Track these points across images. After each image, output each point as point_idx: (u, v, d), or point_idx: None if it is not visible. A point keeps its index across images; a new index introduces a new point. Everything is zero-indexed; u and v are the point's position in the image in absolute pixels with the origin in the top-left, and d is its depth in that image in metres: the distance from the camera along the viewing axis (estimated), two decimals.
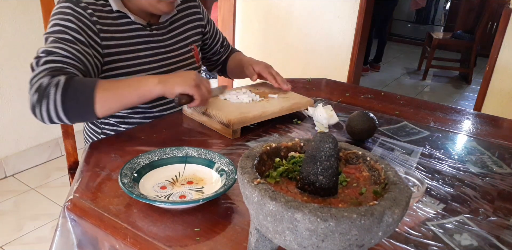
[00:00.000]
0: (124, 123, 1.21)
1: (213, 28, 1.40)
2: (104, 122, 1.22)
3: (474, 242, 0.72)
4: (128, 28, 1.12)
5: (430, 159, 1.02)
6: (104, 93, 0.92)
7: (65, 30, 1.00)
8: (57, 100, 0.90)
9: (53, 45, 0.98)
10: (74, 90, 0.90)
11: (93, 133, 1.26)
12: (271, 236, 0.54)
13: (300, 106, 1.21)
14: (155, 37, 1.18)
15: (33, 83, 0.92)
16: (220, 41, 1.43)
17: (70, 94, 0.90)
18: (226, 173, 0.82)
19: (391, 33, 6.26)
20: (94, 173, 0.87)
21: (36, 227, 1.91)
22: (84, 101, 0.91)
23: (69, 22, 1.01)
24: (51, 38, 0.99)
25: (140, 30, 1.14)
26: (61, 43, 0.98)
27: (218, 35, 1.43)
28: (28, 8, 2.17)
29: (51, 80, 0.90)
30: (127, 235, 0.69)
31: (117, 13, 1.10)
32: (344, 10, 2.62)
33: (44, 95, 0.90)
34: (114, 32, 1.09)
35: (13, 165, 2.31)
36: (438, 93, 4.21)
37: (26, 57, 2.23)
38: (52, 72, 0.92)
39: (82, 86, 0.91)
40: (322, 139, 0.56)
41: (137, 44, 1.14)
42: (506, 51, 2.25)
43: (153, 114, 1.22)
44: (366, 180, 0.62)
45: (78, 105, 0.91)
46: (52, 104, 0.90)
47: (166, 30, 1.22)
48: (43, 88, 0.90)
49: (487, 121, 1.29)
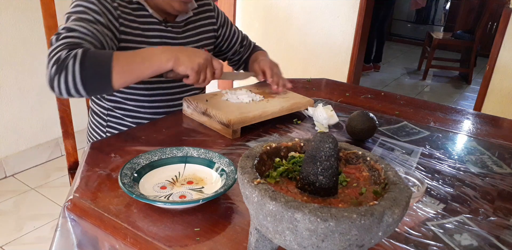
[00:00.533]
0: (130, 117, 1.22)
1: (229, 29, 1.41)
2: (110, 114, 1.23)
3: (474, 242, 0.72)
4: (145, 21, 1.15)
5: (430, 159, 1.02)
6: (120, 66, 0.93)
7: (87, 11, 1.03)
8: (75, 71, 0.91)
9: (74, 23, 1.00)
10: (91, 63, 0.92)
11: (98, 126, 1.27)
12: (271, 236, 0.54)
13: (300, 106, 1.21)
14: (169, 34, 1.20)
15: (51, 56, 0.94)
16: (239, 41, 1.44)
17: (88, 66, 0.92)
18: (226, 173, 0.82)
19: (391, 33, 6.26)
20: (94, 173, 0.86)
21: (36, 227, 1.91)
22: (101, 73, 0.92)
23: (91, 4, 1.04)
24: (72, 17, 1.03)
25: (156, 24, 1.17)
26: (82, 22, 1.01)
27: (236, 35, 1.44)
28: (28, 8, 2.17)
29: (69, 53, 0.92)
30: (127, 235, 0.69)
31: (136, 4, 1.14)
32: (344, 10, 2.62)
33: (62, 67, 0.91)
34: (132, 22, 1.13)
35: (13, 165, 2.31)
36: (438, 93, 4.21)
37: (26, 57, 2.23)
38: (70, 46, 0.95)
39: (99, 58, 0.93)
40: (322, 139, 0.56)
41: (151, 37, 1.16)
42: (506, 51, 2.26)
43: (160, 110, 1.24)
44: (366, 180, 0.62)
45: (95, 77, 0.93)
46: (71, 75, 0.92)
47: (181, 30, 1.23)
48: (61, 61, 0.92)
49: (487, 121, 1.29)
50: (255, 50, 1.48)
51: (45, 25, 1.23)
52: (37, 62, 2.27)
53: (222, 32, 1.38)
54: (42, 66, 2.28)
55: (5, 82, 2.18)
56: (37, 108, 2.36)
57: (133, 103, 1.21)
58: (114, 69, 0.92)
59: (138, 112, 1.22)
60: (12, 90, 2.22)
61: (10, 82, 2.20)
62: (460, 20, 5.55)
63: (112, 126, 1.24)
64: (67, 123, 1.34)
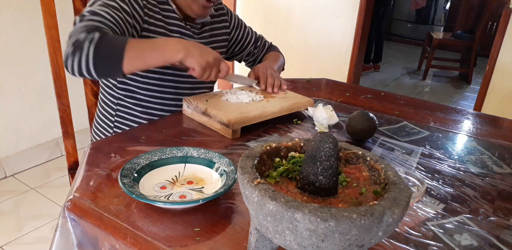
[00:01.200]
0: (140, 107, 1.24)
1: (242, 31, 1.43)
2: (120, 104, 1.24)
3: (474, 242, 0.72)
4: (168, 15, 1.18)
5: (430, 159, 1.02)
6: (133, 53, 0.96)
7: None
8: (89, 53, 0.95)
9: (99, 8, 1.03)
10: (106, 46, 0.95)
11: (106, 116, 1.28)
12: (271, 236, 0.54)
13: (300, 106, 1.21)
14: (188, 31, 1.23)
15: (71, 36, 0.98)
16: (252, 43, 1.47)
17: (102, 50, 0.95)
18: (226, 173, 0.82)
19: (391, 33, 6.26)
20: (94, 173, 0.86)
21: (36, 227, 1.91)
22: (113, 58, 0.96)
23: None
24: (99, 2, 1.05)
25: (177, 20, 1.20)
26: (107, 8, 1.04)
27: (250, 37, 1.46)
28: (28, 8, 2.17)
29: (87, 35, 0.95)
30: (127, 235, 0.69)
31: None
32: (344, 10, 2.62)
33: (78, 48, 0.95)
34: (156, 13, 1.16)
35: (13, 165, 2.31)
36: (438, 93, 4.21)
37: (26, 57, 2.23)
38: (90, 29, 0.97)
39: (114, 43, 0.96)
40: (322, 139, 0.56)
41: (172, 32, 1.19)
42: (506, 51, 2.26)
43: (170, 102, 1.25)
44: (366, 180, 0.62)
45: (107, 61, 0.96)
46: (85, 57, 0.95)
47: (198, 31, 1.27)
48: (80, 42, 0.95)
49: (487, 121, 1.29)
50: (269, 51, 1.50)
51: (45, 25, 1.23)
52: (37, 62, 2.28)
53: (234, 34, 1.41)
54: (42, 66, 2.28)
55: (5, 82, 2.18)
56: (37, 108, 2.36)
57: (145, 93, 1.22)
58: (126, 54, 0.95)
59: (149, 102, 1.23)
60: (12, 90, 2.22)
61: (10, 82, 2.20)
62: (460, 20, 5.55)
63: (121, 115, 1.25)
64: (67, 123, 1.34)
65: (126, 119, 1.25)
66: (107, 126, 1.28)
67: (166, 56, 1.00)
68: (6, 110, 2.23)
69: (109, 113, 1.27)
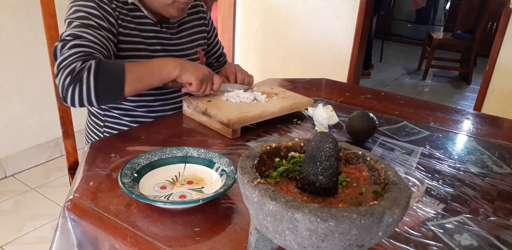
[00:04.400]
0: (127, 116, 1.23)
1: (214, 38, 1.41)
2: (107, 114, 1.24)
3: (474, 242, 0.72)
4: (141, 22, 1.16)
5: (430, 159, 1.02)
6: (132, 78, 0.98)
7: (88, 17, 1.04)
8: (90, 84, 0.94)
9: (79, 29, 1.01)
10: (105, 75, 0.95)
11: (95, 126, 1.27)
12: (271, 236, 0.54)
13: (300, 106, 1.21)
14: (165, 35, 1.21)
15: (64, 66, 0.95)
16: (217, 54, 1.44)
17: (103, 79, 0.95)
18: (226, 173, 0.82)
19: (391, 33, 6.26)
20: (94, 173, 0.86)
21: (36, 227, 1.91)
22: (115, 85, 0.96)
23: (92, 9, 1.04)
24: (75, 23, 1.02)
25: (151, 25, 1.18)
26: (86, 28, 1.02)
27: (217, 47, 1.44)
28: (28, 8, 2.17)
29: (84, 65, 0.94)
30: (127, 235, 0.69)
31: (132, 5, 1.14)
32: (344, 10, 2.62)
33: (77, 79, 0.94)
34: (129, 22, 1.13)
35: (13, 165, 2.31)
36: (438, 93, 4.21)
37: (26, 57, 2.23)
38: (82, 57, 0.96)
39: (112, 70, 0.97)
40: (322, 139, 0.56)
41: (147, 38, 1.17)
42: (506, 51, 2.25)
43: (155, 109, 1.24)
44: (366, 180, 0.62)
45: (109, 89, 0.97)
46: (86, 88, 0.94)
47: (175, 31, 1.24)
48: (76, 73, 0.94)
49: (487, 121, 1.29)
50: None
51: (45, 25, 1.23)
52: (37, 62, 2.28)
53: (209, 36, 1.38)
54: (42, 66, 2.28)
55: (5, 82, 2.18)
56: (37, 108, 2.36)
57: (130, 104, 1.21)
58: (127, 80, 0.97)
59: (135, 111, 1.22)
60: (12, 90, 2.22)
61: (10, 82, 2.20)
62: (460, 20, 5.54)
63: (109, 125, 1.24)
64: (67, 123, 1.34)
65: (114, 129, 1.24)
66: (98, 136, 1.27)
67: (163, 75, 1.03)
68: (6, 110, 2.23)
69: (97, 125, 1.26)
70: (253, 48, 3.04)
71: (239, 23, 3.07)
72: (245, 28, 3.05)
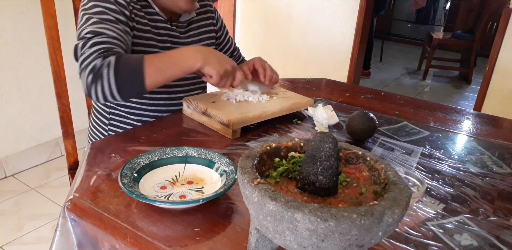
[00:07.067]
0: (134, 115, 1.23)
1: (225, 35, 1.41)
2: (113, 112, 1.24)
3: (474, 242, 0.72)
4: (152, 18, 1.17)
5: (430, 159, 1.02)
6: (152, 70, 0.96)
7: (107, 12, 1.04)
8: (110, 79, 0.95)
9: (98, 26, 1.01)
10: (125, 69, 0.95)
11: (99, 124, 1.27)
12: (271, 236, 0.54)
13: (300, 106, 1.21)
14: (174, 32, 1.22)
15: (86, 65, 0.96)
16: (230, 50, 1.45)
17: (122, 73, 0.95)
18: (226, 173, 0.82)
19: (391, 33, 6.26)
20: (94, 173, 0.86)
21: (36, 227, 1.91)
22: (135, 79, 0.96)
23: (109, 4, 1.05)
24: (93, 19, 1.03)
25: (162, 22, 1.19)
26: (105, 24, 1.02)
27: (230, 43, 1.44)
28: (28, 8, 2.17)
29: (103, 62, 0.95)
30: (127, 235, 0.69)
31: (144, 2, 1.15)
32: (344, 10, 2.62)
33: (97, 75, 0.95)
34: (142, 18, 1.14)
35: (13, 165, 2.31)
36: (438, 93, 4.21)
37: (26, 57, 2.23)
38: (103, 54, 0.97)
39: (132, 64, 0.96)
40: (322, 139, 0.56)
41: (158, 35, 1.18)
42: (506, 51, 2.25)
43: (163, 108, 1.24)
44: (366, 180, 0.62)
45: (130, 83, 0.97)
46: (107, 83, 0.95)
47: (184, 30, 1.25)
48: (97, 70, 0.95)
49: (487, 121, 1.29)
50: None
51: (45, 25, 1.23)
52: (37, 62, 2.28)
53: (219, 35, 1.39)
54: (42, 66, 2.28)
55: (5, 82, 2.18)
56: (37, 108, 2.36)
57: (137, 101, 1.21)
58: (146, 73, 0.96)
59: (142, 109, 1.23)
60: (12, 90, 2.22)
61: (10, 82, 2.20)
62: (460, 20, 5.55)
63: (115, 124, 1.24)
64: (67, 123, 1.34)
65: (119, 128, 1.24)
66: (102, 134, 1.27)
67: (185, 67, 1.00)
68: (6, 110, 2.23)
69: (102, 123, 1.26)
70: (253, 48, 3.04)
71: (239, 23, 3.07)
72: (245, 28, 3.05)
